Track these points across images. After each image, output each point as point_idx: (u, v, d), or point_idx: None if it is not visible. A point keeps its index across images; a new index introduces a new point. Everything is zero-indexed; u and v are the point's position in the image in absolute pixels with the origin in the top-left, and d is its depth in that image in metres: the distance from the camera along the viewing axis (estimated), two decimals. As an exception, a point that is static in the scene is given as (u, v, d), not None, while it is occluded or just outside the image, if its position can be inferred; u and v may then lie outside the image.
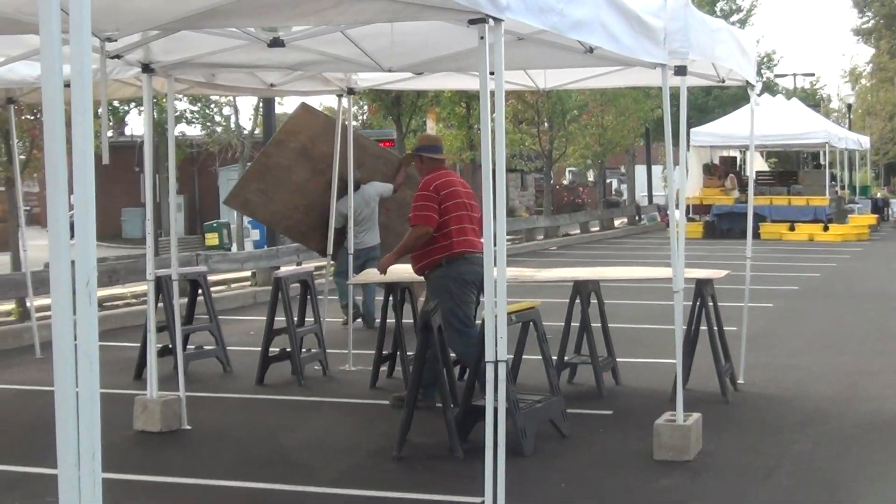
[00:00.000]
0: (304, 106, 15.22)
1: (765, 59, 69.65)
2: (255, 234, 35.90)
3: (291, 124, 14.66)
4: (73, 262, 3.61)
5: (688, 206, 37.52)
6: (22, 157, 18.46)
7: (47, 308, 16.59)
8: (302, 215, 15.21)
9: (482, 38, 6.28)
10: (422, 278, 11.55)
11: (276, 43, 9.50)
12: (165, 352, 12.26)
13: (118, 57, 9.65)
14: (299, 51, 10.25)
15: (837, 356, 13.91)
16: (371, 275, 12.78)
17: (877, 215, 43.44)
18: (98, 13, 7.56)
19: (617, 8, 7.96)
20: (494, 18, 6.26)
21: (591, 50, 8.85)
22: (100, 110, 9.83)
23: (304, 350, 12.83)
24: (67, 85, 3.52)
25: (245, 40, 9.67)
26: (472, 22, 6.32)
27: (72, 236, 3.61)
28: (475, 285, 10.63)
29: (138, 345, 12.69)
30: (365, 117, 53.11)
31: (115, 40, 9.14)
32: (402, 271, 13.34)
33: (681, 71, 9.14)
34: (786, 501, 7.86)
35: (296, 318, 12.86)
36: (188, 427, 10.21)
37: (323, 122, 15.28)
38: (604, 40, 7.84)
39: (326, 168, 14.49)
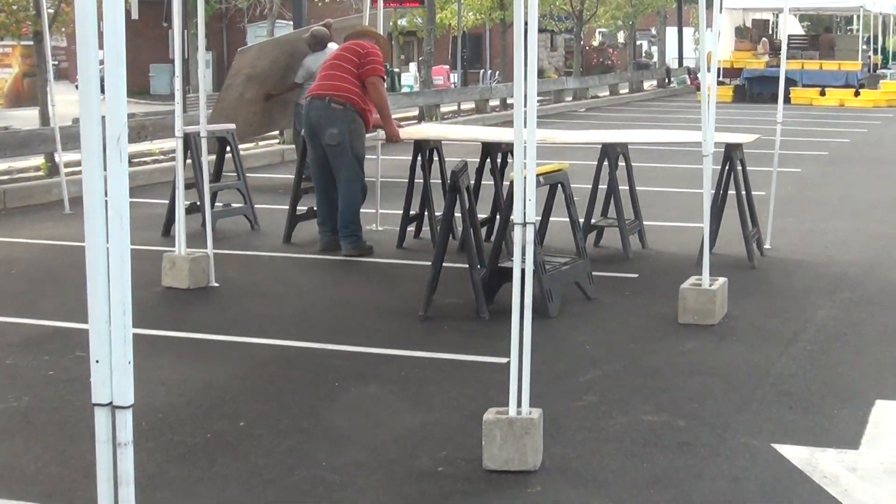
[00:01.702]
0: (238, 52, 16.43)
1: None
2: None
3: (232, 69, 15.59)
4: (103, 118, 3.60)
5: (718, 70, 37.15)
6: (50, 10, 18.37)
7: (76, 164, 16.62)
8: (262, 115, 16.47)
9: None
10: (451, 137, 11.80)
11: None
12: (193, 209, 12.28)
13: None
14: None
15: (865, 222, 13.87)
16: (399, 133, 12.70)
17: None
18: None
19: None
20: None
21: None
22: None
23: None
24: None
25: None
26: None
27: (101, 92, 3.60)
28: (308, 129, 11.62)
29: (166, 202, 12.71)
30: (394, -26, 52.57)
31: None
32: (430, 130, 13.34)
33: (716, -69, 9.00)
34: (810, 366, 7.89)
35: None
36: (216, 284, 10.27)
37: (256, 50, 16.57)
38: None
39: (271, 73, 15.84)
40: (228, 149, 13.54)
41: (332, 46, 15.47)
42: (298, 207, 12.47)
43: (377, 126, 11.96)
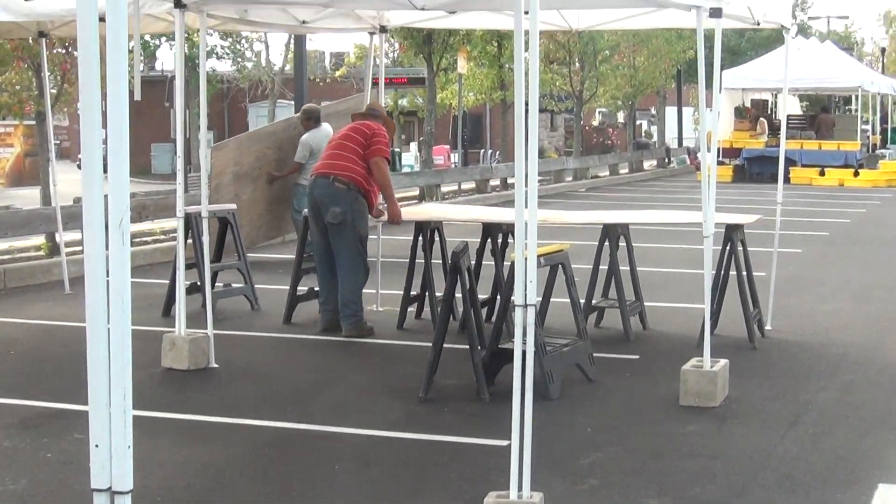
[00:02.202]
0: (213, 148, 16.59)
1: (799, 1, 69.03)
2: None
3: (214, 168, 15.77)
4: (105, 197, 3.61)
5: (718, 150, 37.22)
6: (53, 90, 18.48)
7: (77, 243, 16.64)
8: (269, 216, 16.86)
9: (517, -22, 6.22)
10: (452, 217, 11.92)
11: (309, -20, 9.45)
12: (194, 289, 12.27)
13: (151, -8, 9.61)
14: (332, -12, 10.19)
15: (865, 303, 13.85)
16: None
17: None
18: (130, -51, 7.52)
19: (653, -50, 7.86)
20: (530, -41, 6.18)
21: (625, -9, 8.76)
22: (131, 44, 9.78)
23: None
24: (100, 19, 3.51)
25: (278, -23, 9.61)
26: (506, -37, 6.26)
27: (104, 171, 3.60)
28: (312, 209, 11.62)
29: (167, 282, 12.70)
30: (396, 55, 52.94)
31: (149, -25, 9.10)
32: (431, 211, 13.36)
33: (716, 13, 9.05)
34: (812, 448, 7.85)
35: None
36: (216, 365, 10.24)
37: (234, 145, 16.70)
38: (639, -17, 7.76)
39: (261, 169, 16.24)
40: (229, 228, 13.54)
41: (326, 126, 15.65)
42: (299, 288, 12.46)
43: (378, 214, 11.94)
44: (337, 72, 56.29)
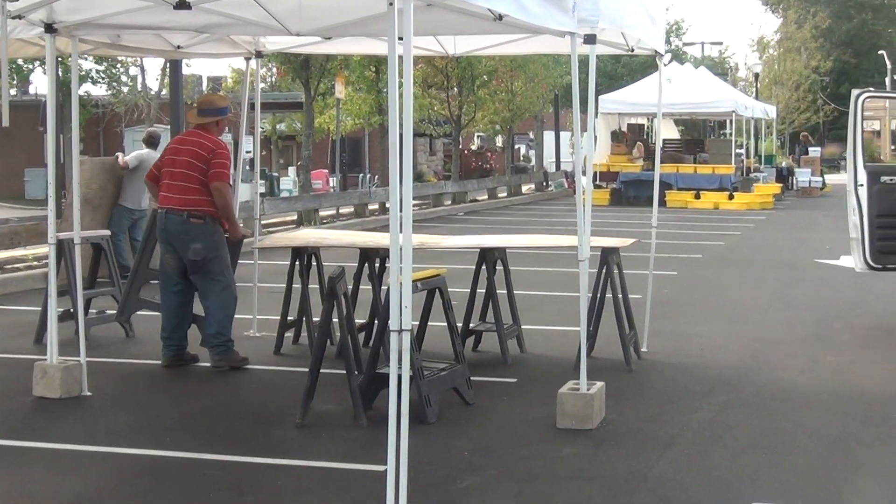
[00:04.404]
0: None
1: (673, 28, 70.12)
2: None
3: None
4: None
5: (595, 174, 37.63)
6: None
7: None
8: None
9: (391, 3, 6.22)
10: (329, 242, 11.78)
11: (182, 5, 9.33)
12: (67, 316, 12.07)
13: (20, 17, 9.45)
14: (206, 13, 10.09)
15: (740, 325, 14.03)
16: (278, 239, 12.67)
17: (781, 184, 43.83)
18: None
19: (526, -25, 7.90)
20: (403, -16, 6.18)
21: (500, 17, 8.77)
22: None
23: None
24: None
25: (150, 2, 9.51)
26: (380, -12, 6.24)
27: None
28: (165, 241, 11.22)
29: (39, 309, 12.50)
30: (274, 80, 52.76)
31: (17, -1, 8.95)
32: (309, 236, 13.31)
33: (590, 39, 9.13)
34: (687, 469, 7.92)
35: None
36: (89, 393, 10.07)
37: (89, 166, 16.47)
38: (512, 8, 7.80)
39: (101, 200, 16.10)
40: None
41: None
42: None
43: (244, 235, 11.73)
44: (214, 96, 55.83)
